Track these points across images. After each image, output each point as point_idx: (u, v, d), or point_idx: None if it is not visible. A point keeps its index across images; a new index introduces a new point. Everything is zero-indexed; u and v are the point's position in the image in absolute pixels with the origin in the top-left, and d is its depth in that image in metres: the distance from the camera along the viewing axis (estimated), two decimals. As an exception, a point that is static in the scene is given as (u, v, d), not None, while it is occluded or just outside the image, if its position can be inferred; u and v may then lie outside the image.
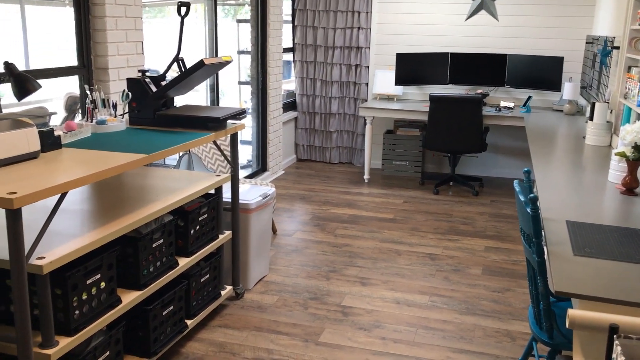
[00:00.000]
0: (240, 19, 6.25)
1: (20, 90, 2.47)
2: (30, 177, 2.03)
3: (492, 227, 4.79)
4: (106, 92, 3.45)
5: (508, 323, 3.24)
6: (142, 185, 2.91)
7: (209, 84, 5.11)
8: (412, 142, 6.27)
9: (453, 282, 3.74)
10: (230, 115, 3.03)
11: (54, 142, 2.44)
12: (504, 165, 6.43)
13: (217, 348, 2.93)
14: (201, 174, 3.17)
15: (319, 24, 6.54)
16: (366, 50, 6.44)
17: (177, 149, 2.62)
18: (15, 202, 1.81)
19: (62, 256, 2.04)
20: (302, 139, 6.89)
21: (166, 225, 2.68)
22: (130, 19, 3.57)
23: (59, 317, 2.12)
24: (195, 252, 2.93)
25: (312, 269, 3.89)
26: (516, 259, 4.15)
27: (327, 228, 4.67)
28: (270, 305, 3.38)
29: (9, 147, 2.17)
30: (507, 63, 5.95)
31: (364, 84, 6.53)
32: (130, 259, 2.49)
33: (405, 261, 4.06)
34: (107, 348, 2.35)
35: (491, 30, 6.11)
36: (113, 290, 2.35)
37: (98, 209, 2.54)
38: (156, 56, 4.57)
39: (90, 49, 3.42)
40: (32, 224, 2.29)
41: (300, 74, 6.72)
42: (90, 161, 2.27)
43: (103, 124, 2.83)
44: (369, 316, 3.28)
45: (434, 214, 5.08)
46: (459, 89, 6.27)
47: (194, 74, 2.87)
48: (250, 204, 3.47)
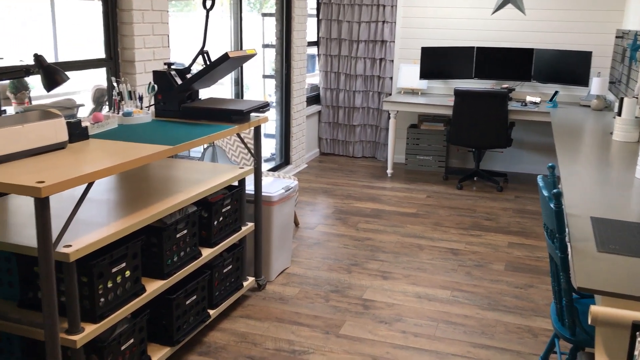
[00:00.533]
0: (265, 12, 6.27)
1: (49, 81, 2.52)
2: (58, 166, 2.07)
3: (516, 223, 4.75)
4: (132, 84, 3.50)
5: (530, 319, 3.22)
6: (167, 177, 2.95)
7: (234, 78, 5.15)
8: (436, 137, 6.23)
9: (475, 278, 3.72)
10: (254, 108, 3.05)
11: (82, 133, 2.48)
12: (529, 161, 6.36)
13: (238, 338, 2.96)
14: (225, 167, 3.20)
15: (344, 18, 6.52)
16: (391, 44, 6.41)
17: (201, 141, 2.65)
18: (43, 191, 1.85)
19: (88, 244, 2.08)
20: (325, 133, 6.89)
21: (190, 216, 2.71)
22: (157, 12, 3.61)
23: (84, 304, 2.17)
24: (219, 243, 2.96)
25: (333, 262, 3.90)
26: (540, 255, 4.12)
27: (349, 222, 4.68)
28: (291, 297, 3.41)
29: (38, 138, 2.22)
30: (534, 57, 5.87)
31: (388, 77, 6.51)
32: (155, 249, 2.53)
33: (427, 256, 4.05)
34: (132, 335, 2.39)
35: (518, 24, 6.04)
36: (138, 279, 2.39)
37: (124, 199, 2.58)
38: (182, 49, 4.61)
39: (117, 42, 3.46)
40: (59, 212, 2.34)
41: (325, 67, 6.72)
42: (116, 152, 2.31)
43: (129, 115, 2.88)
44: (389, 310, 3.28)
45: (457, 209, 5.05)
46: (484, 83, 6.21)
47: (219, 66, 2.90)
48: (273, 197, 3.50)
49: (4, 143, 2.09)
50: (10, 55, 2.75)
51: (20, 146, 2.15)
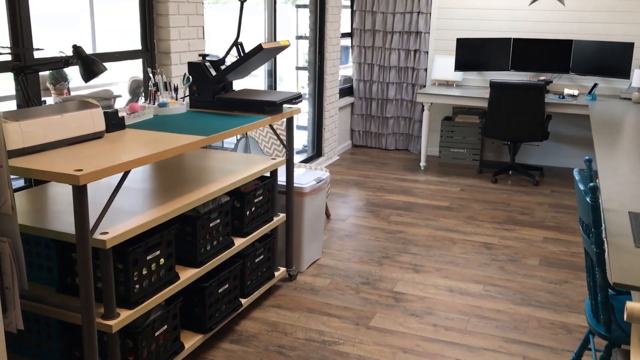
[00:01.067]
0: (299, 4, 6.28)
1: (87, 72, 2.58)
2: (96, 155, 2.12)
3: (552, 218, 4.67)
4: (168, 75, 3.55)
5: (564, 315, 3.17)
6: (201, 167, 2.99)
7: (267, 69, 5.17)
8: (471, 130, 6.15)
9: (508, 272, 3.67)
10: (287, 100, 3.06)
11: (118, 123, 2.53)
12: (566, 155, 6.23)
13: (269, 327, 2.99)
14: (257, 157, 3.22)
15: (378, 9, 6.48)
16: (426, 35, 6.35)
17: (234, 132, 2.67)
18: (81, 179, 1.90)
19: (124, 232, 2.12)
20: (358, 125, 6.88)
21: (223, 206, 2.74)
22: (192, 3, 3.65)
23: (120, 290, 2.22)
24: (251, 233, 2.99)
25: (364, 254, 3.90)
26: (575, 250, 4.04)
27: (381, 214, 4.67)
28: (322, 288, 3.42)
29: (76, 127, 2.27)
30: (573, 49, 5.74)
31: (422, 69, 6.45)
32: (189, 237, 2.57)
33: (459, 250, 4.02)
34: (165, 322, 2.44)
35: (556, 15, 5.91)
36: (171, 267, 2.43)
37: (158, 188, 2.63)
38: (216, 41, 4.65)
39: (153, 33, 3.51)
40: (96, 200, 2.40)
41: (358, 59, 6.69)
42: (152, 142, 2.35)
43: (165, 106, 2.92)
44: (421, 303, 3.27)
45: (492, 203, 4.99)
46: (521, 75, 6.10)
47: (252, 58, 2.92)
48: (305, 188, 3.51)
49: (43, 132, 2.14)
50: (50, 46, 2.82)
51: (59, 135, 2.20)
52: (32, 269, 2.34)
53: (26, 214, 2.29)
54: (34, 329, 2.38)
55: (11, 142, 2.04)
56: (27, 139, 2.09)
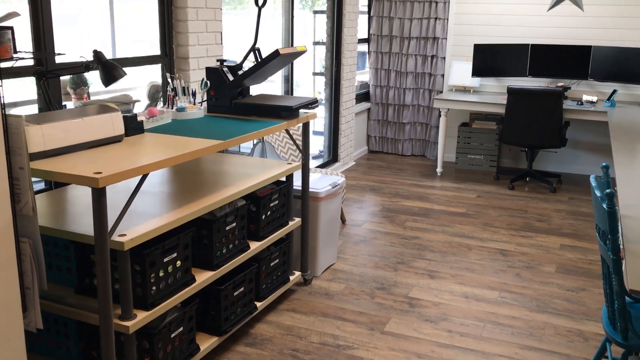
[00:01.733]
0: (316, 10, 6.31)
1: (107, 77, 2.62)
2: (115, 158, 2.16)
3: (569, 225, 4.63)
4: (186, 80, 3.59)
5: (581, 323, 3.14)
6: (218, 171, 3.02)
7: (284, 75, 5.20)
8: (488, 136, 6.13)
9: (525, 279, 3.65)
10: (303, 105, 3.08)
11: (137, 127, 2.57)
12: (584, 162, 6.18)
13: (284, 331, 3.00)
14: (273, 162, 3.25)
15: (395, 15, 6.49)
16: (443, 41, 6.35)
17: (251, 136, 2.70)
18: (100, 182, 1.93)
19: (141, 234, 2.15)
20: (374, 131, 6.88)
21: (239, 210, 2.77)
22: (211, 9, 3.69)
23: (137, 291, 2.24)
24: (266, 237, 3.01)
25: (380, 260, 3.90)
26: (593, 258, 4.00)
27: (396, 220, 4.67)
28: (337, 292, 3.43)
29: (96, 130, 2.31)
30: (592, 55, 5.69)
31: (439, 75, 6.44)
32: (205, 240, 2.59)
33: (475, 256, 4.00)
34: (181, 324, 2.47)
35: (575, 21, 5.87)
36: (188, 269, 2.46)
37: (176, 191, 2.66)
38: (234, 47, 4.70)
39: (172, 39, 3.56)
40: (114, 203, 2.43)
41: (375, 64, 6.71)
42: (170, 145, 2.38)
43: (183, 111, 2.95)
44: (436, 309, 3.26)
45: (508, 210, 4.96)
46: (538, 81, 6.07)
47: (269, 63, 2.94)
48: (320, 193, 3.52)
49: (64, 135, 2.18)
50: (71, 51, 2.87)
51: (79, 138, 2.24)
52: (51, 270, 2.38)
53: (46, 216, 2.33)
54: (53, 328, 2.42)
55: (33, 145, 2.08)
56: (48, 142, 2.13)
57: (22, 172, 1.89)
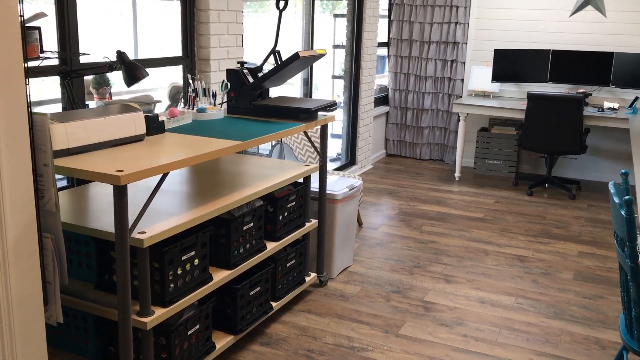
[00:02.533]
0: (337, 13, 6.34)
1: (130, 77, 2.67)
2: (136, 157, 2.20)
3: (588, 232, 4.59)
4: (207, 81, 3.63)
5: (598, 331, 3.11)
6: (236, 171, 3.05)
7: (303, 78, 5.23)
8: (507, 141, 6.10)
9: (541, 286, 3.63)
10: (321, 107, 3.10)
11: (158, 127, 2.61)
12: (604, 169, 6.12)
13: (299, 331, 3.02)
14: (291, 163, 3.27)
15: (416, 19, 6.49)
16: (463, 45, 6.33)
17: (270, 138, 2.72)
18: (122, 179, 1.97)
19: (161, 232, 2.19)
20: (392, 134, 6.88)
21: (257, 210, 2.79)
22: (232, 12, 3.73)
23: (155, 288, 2.28)
24: (283, 238, 3.03)
25: (395, 263, 3.90)
26: (611, 266, 3.96)
27: (413, 224, 4.67)
28: (352, 295, 3.44)
29: (118, 130, 2.35)
30: (614, 61, 5.64)
31: (459, 79, 6.43)
32: (223, 240, 2.62)
33: (492, 261, 3.98)
34: (198, 322, 2.50)
35: (597, 27, 5.82)
36: (205, 268, 2.49)
37: (195, 190, 2.69)
38: (254, 49, 4.74)
39: (193, 41, 3.61)
40: (134, 201, 2.47)
41: (394, 68, 6.71)
42: (190, 145, 2.41)
43: (203, 111, 2.99)
44: (451, 313, 3.26)
45: (526, 216, 4.93)
46: (559, 87, 6.03)
47: (289, 66, 2.97)
48: (337, 195, 3.54)
49: (87, 134, 2.23)
50: (94, 51, 2.93)
51: (101, 137, 2.29)
52: (71, 266, 2.43)
53: (68, 212, 2.38)
54: (72, 323, 2.47)
55: (56, 143, 2.13)
56: (72, 140, 2.18)
57: (46, 169, 1.93)
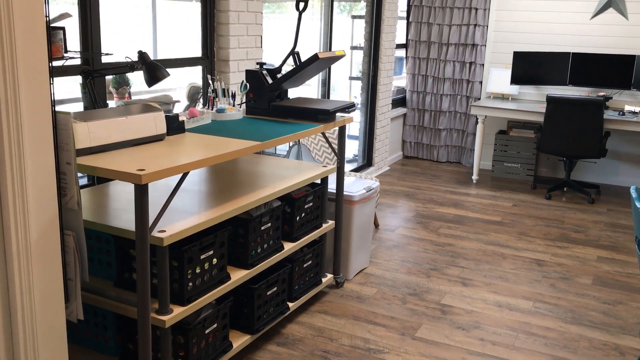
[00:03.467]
0: (355, 14, 6.34)
1: (150, 77, 2.69)
2: (157, 156, 2.22)
3: (607, 237, 4.54)
4: (226, 82, 3.65)
5: (617, 337, 3.08)
6: (254, 172, 3.06)
7: (321, 79, 5.24)
8: (526, 144, 6.06)
9: (560, 290, 3.60)
10: (340, 109, 3.11)
11: (178, 127, 2.63)
12: (624, 173, 6.05)
13: (315, 332, 3.02)
14: (309, 164, 3.28)
15: (434, 21, 6.47)
16: (482, 47, 6.30)
17: (288, 138, 2.73)
18: (143, 178, 1.99)
19: (180, 231, 2.21)
20: (409, 136, 6.86)
21: (274, 210, 2.80)
22: (252, 13, 3.75)
23: (174, 287, 2.30)
24: (300, 238, 3.04)
25: (412, 265, 3.89)
26: (631, 271, 3.92)
27: (430, 226, 4.65)
28: (369, 296, 3.44)
29: (140, 129, 2.38)
30: (635, 64, 5.58)
31: (477, 82, 6.39)
32: (241, 239, 2.64)
33: (510, 265, 3.96)
34: (215, 321, 2.51)
35: (619, 30, 5.76)
36: (223, 267, 2.50)
37: (213, 190, 2.71)
38: (273, 50, 4.75)
39: (213, 41, 3.63)
40: (154, 200, 2.50)
41: (412, 70, 6.69)
42: (210, 145, 2.43)
43: (222, 112, 3.01)
44: (468, 316, 3.24)
45: (545, 220, 4.89)
46: (579, 90, 5.97)
47: (308, 67, 2.98)
48: (354, 196, 3.54)
49: (109, 133, 2.25)
50: (115, 51, 2.96)
51: (123, 136, 2.31)
52: (92, 263, 2.46)
53: (89, 211, 2.40)
54: (92, 320, 2.49)
55: (79, 142, 2.16)
56: (94, 139, 2.20)
57: (68, 167, 1.96)
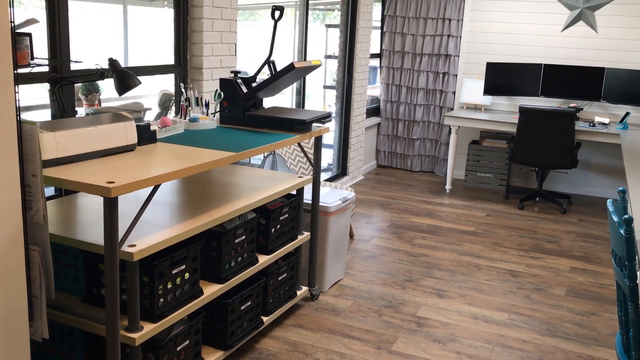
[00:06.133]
0: (329, 23, 6.32)
1: (121, 85, 2.61)
2: (128, 168, 2.14)
3: (579, 247, 4.58)
4: (199, 90, 3.58)
5: (592, 349, 3.09)
6: (228, 182, 3.00)
7: (296, 87, 5.20)
8: (498, 154, 6.10)
9: (534, 302, 3.60)
10: (316, 119, 3.07)
11: (150, 137, 2.56)
12: (595, 184, 6.13)
13: (290, 347, 2.96)
14: (284, 175, 3.22)
15: (408, 31, 6.50)
16: (455, 58, 6.34)
17: (264, 149, 2.68)
18: (113, 191, 1.91)
19: (151, 245, 2.13)
20: (383, 145, 6.86)
21: (249, 222, 2.74)
22: (226, 21, 3.69)
23: (144, 303, 2.22)
24: (275, 251, 2.98)
25: (387, 277, 3.86)
26: (603, 282, 3.95)
27: (404, 236, 4.63)
28: (344, 309, 3.39)
29: (109, 139, 2.30)
30: (605, 77, 5.67)
31: (450, 92, 6.43)
32: (214, 253, 2.57)
33: (484, 276, 3.95)
34: (187, 337, 2.43)
35: (589, 42, 5.85)
36: (196, 282, 2.43)
37: (186, 202, 2.64)
38: (244, 58, 4.69)
39: (186, 49, 3.56)
40: (124, 212, 2.41)
41: (386, 80, 6.70)
42: (183, 156, 2.36)
43: (195, 121, 2.94)
44: (444, 329, 3.22)
45: (518, 230, 4.92)
46: (550, 101, 6.05)
47: (284, 76, 2.93)
48: (330, 207, 3.50)
49: (77, 143, 2.17)
50: (84, 58, 2.87)
51: (92, 147, 2.23)
52: (58, 278, 2.36)
53: (55, 223, 2.31)
54: (58, 337, 2.39)
55: (46, 152, 2.07)
56: (61, 150, 2.12)
57: (34, 180, 1.87)
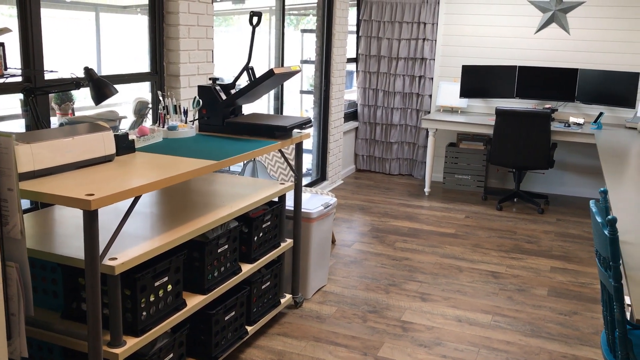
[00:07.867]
0: (304, 28, 6.30)
1: (98, 94, 2.56)
2: (107, 179, 2.09)
3: (559, 247, 4.62)
4: (177, 98, 3.53)
5: (576, 348, 3.11)
6: (209, 191, 2.95)
7: (274, 93, 5.17)
8: (476, 156, 6.14)
9: (517, 303, 3.62)
10: (297, 125, 3.04)
11: (128, 146, 2.50)
12: (571, 183, 6.21)
13: (275, 356, 2.93)
14: (265, 182, 3.19)
15: (384, 35, 6.51)
16: (431, 61, 6.37)
17: (245, 156, 2.64)
18: (92, 204, 1.86)
19: (133, 258, 2.08)
20: (362, 150, 6.86)
21: (232, 231, 2.70)
22: (202, 27, 3.65)
23: (127, 317, 2.16)
24: (258, 259, 2.94)
25: (371, 282, 3.85)
26: (584, 281, 3.99)
27: (386, 240, 4.62)
28: (328, 315, 3.36)
29: (87, 150, 2.24)
30: (578, 78, 5.75)
31: (427, 95, 6.46)
32: (197, 263, 2.52)
33: (467, 278, 3.96)
34: (171, 350, 2.38)
35: (562, 44, 5.93)
36: (179, 294, 2.38)
37: (167, 212, 2.59)
38: (219, 64, 4.65)
39: (163, 56, 3.51)
40: (103, 223, 2.36)
41: (363, 84, 6.71)
42: (162, 166, 2.31)
43: (174, 129, 2.90)
44: (429, 333, 3.21)
45: (497, 231, 4.95)
46: (526, 103, 6.11)
47: (263, 83, 2.90)
48: (312, 213, 3.47)
49: (54, 155, 2.11)
50: (57, 67, 2.80)
51: (70, 158, 2.17)
52: (36, 293, 2.29)
53: (33, 238, 2.25)
54: (37, 355, 2.32)
55: (22, 165, 2.01)
56: (38, 162, 2.06)
57: (10, 194, 1.81)
